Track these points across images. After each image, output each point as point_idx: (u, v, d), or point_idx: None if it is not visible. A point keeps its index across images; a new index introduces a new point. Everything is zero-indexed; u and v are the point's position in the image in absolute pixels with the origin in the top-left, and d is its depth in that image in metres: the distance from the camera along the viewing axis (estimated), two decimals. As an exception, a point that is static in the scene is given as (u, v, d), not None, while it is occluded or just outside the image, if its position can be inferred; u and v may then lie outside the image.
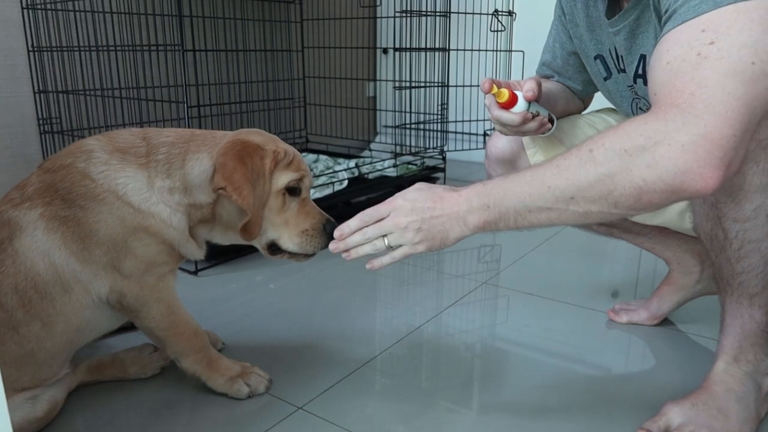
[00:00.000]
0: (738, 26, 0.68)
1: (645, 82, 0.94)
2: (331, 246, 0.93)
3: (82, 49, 1.87)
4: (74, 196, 0.91)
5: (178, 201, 0.97)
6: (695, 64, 0.70)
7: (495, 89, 0.98)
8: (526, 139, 1.17)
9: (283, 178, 0.99)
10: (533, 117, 1.02)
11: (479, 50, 2.87)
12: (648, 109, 0.77)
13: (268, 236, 1.02)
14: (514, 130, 1.05)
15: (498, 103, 1.01)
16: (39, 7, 1.82)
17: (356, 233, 0.89)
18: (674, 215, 1.10)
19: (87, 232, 0.91)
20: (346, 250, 0.91)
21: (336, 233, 0.92)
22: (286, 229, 1.01)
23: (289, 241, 1.01)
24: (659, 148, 0.69)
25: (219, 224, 1.02)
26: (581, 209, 0.76)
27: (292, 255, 1.03)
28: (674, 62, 0.72)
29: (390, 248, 0.87)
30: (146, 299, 0.97)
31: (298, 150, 3.02)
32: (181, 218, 0.98)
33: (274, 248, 1.03)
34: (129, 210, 0.93)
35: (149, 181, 0.95)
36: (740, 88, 0.67)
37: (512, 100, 1.00)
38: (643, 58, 0.96)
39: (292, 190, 1.00)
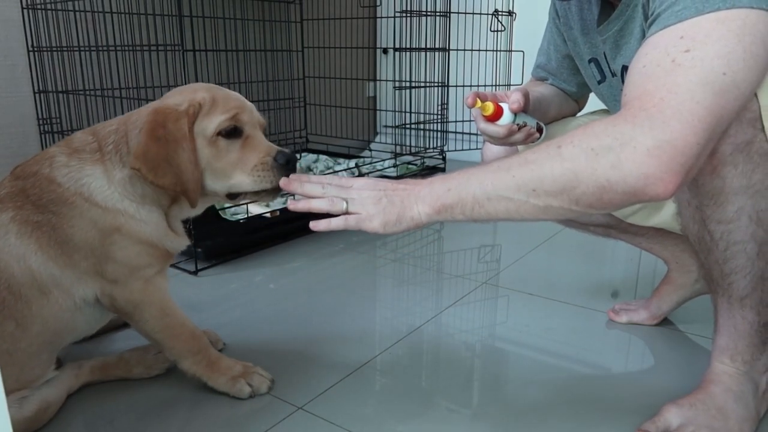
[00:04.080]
0: (715, 36, 0.69)
1: None
2: (282, 182, 0.92)
3: (82, 49, 1.87)
4: (45, 202, 0.91)
5: (142, 192, 0.95)
6: (669, 71, 0.71)
7: (479, 103, 0.99)
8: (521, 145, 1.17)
9: (210, 126, 0.93)
10: (519, 128, 1.03)
11: (479, 50, 2.87)
12: None
13: (222, 187, 0.96)
14: (501, 141, 1.05)
15: (483, 116, 1.01)
16: (39, 7, 1.82)
17: (315, 184, 0.89)
18: (669, 217, 1.11)
19: (63, 237, 0.90)
20: (299, 202, 0.89)
21: (292, 176, 0.93)
22: (235, 172, 0.94)
23: (242, 182, 0.95)
24: (625, 149, 0.70)
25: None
26: (542, 203, 0.76)
27: (256, 194, 0.97)
28: (650, 66, 0.73)
29: (347, 213, 0.86)
30: (137, 302, 0.96)
31: (298, 150, 2.99)
32: (151, 209, 0.96)
33: (233, 194, 0.98)
34: (98, 211, 0.92)
35: (108, 175, 0.93)
36: (709, 98, 0.68)
37: (497, 113, 1.00)
38: (625, 69, 0.96)
39: (231, 132, 0.94)
